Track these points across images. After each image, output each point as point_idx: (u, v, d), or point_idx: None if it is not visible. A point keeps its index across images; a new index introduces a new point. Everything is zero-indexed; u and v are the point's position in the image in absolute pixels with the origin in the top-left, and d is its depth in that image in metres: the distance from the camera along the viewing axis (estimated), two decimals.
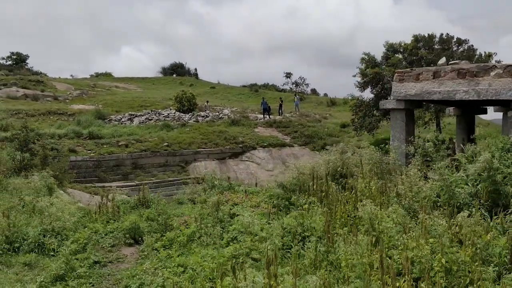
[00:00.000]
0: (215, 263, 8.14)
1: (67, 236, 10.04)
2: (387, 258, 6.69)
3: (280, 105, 42.21)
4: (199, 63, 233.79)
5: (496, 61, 28.21)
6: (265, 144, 33.02)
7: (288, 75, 67.89)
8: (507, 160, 9.53)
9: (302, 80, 67.54)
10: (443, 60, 13.39)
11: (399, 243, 7.08)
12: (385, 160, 11.29)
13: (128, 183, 25.93)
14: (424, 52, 32.18)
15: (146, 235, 10.44)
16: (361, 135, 33.49)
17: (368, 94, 34.66)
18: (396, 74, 14.05)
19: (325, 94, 68.47)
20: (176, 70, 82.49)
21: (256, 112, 42.45)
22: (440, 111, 32.21)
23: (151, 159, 29.01)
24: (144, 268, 7.84)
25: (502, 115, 17.68)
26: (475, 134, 11.27)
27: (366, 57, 33.43)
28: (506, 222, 7.81)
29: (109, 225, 11.11)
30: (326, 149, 33.07)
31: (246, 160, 31.88)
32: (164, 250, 9.57)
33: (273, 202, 11.83)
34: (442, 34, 33.39)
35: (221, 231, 9.63)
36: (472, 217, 7.45)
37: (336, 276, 6.92)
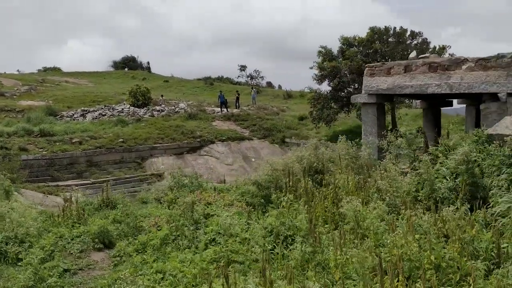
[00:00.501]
0: (196, 268, 7.76)
1: (32, 243, 9.38)
2: (376, 257, 6.53)
3: (237, 98, 41.75)
4: (151, 56, 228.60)
5: (449, 54, 28.83)
6: (224, 138, 32.67)
7: (243, 68, 67.39)
8: (482, 152, 9.60)
9: (257, 73, 67.28)
10: (413, 53, 13.41)
11: (388, 241, 6.94)
12: (361, 155, 11.18)
13: (83, 182, 25.21)
14: (378, 45, 32.47)
15: (116, 239, 9.91)
16: (319, 127, 33.62)
17: (325, 87, 34.84)
18: (367, 68, 13.97)
19: (279, 87, 68.52)
20: (128, 64, 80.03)
21: (213, 106, 41.87)
22: (395, 102, 32.70)
23: (106, 156, 28.22)
24: (122, 276, 7.34)
25: (466, 107, 18.06)
26: (450, 127, 11.28)
27: (323, 50, 33.48)
28: (489, 215, 7.82)
29: (74, 229, 10.47)
30: (286, 142, 33.15)
31: (205, 155, 31.43)
32: (137, 254, 9.09)
33: (245, 199, 11.52)
34: (395, 28, 33.82)
35: (199, 233, 9.22)
36: (457, 211, 7.42)
37: (326, 277, 6.70)
